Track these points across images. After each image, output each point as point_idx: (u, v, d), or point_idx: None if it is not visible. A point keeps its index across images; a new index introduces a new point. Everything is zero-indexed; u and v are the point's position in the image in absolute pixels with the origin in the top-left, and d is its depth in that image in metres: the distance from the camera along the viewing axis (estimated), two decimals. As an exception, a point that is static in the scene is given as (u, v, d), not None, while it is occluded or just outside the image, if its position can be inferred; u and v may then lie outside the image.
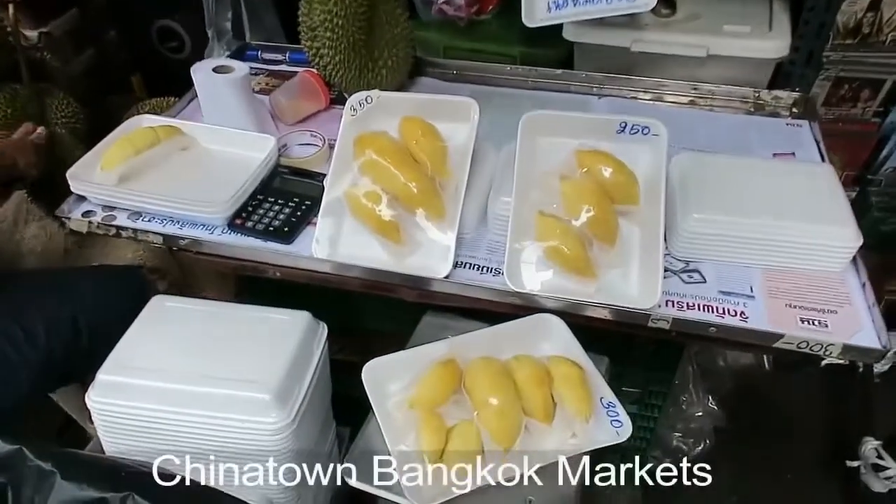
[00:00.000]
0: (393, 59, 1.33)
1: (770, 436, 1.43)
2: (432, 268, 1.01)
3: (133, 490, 0.70)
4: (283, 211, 1.12)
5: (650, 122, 1.02)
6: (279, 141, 1.28)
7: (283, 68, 1.58)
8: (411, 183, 1.01)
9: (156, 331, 0.99)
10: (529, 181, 1.03)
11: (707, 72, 1.40)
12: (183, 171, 1.19)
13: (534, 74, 1.48)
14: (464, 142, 1.06)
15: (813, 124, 1.31)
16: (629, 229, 1.01)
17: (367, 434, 0.91)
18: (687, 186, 1.05)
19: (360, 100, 1.10)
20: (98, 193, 1.13)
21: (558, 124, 1.05)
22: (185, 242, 1.09)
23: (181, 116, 1.41)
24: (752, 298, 0.98)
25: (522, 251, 0.98)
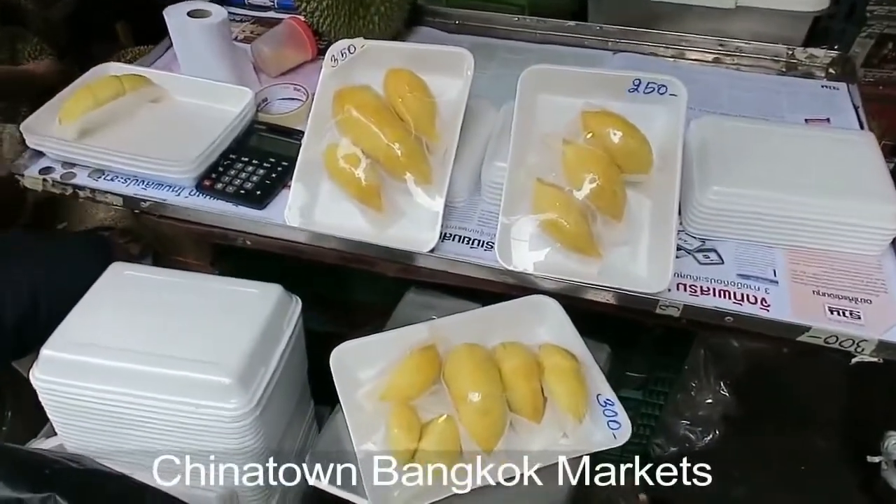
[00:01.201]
0: (386, 5, 1.21)
1: (785, 425, 1.33)
2: (416, 240, 0.90)
3: (57, 490, 0.61)
4: (256, 172, 1.01)
5: (667, 79, 0.90)
6: (259, 94, 1.17)
7: (270, 15, 1.46)
8: (395, 144, 0.90)
9: (110, 302, 0.90)
10: (528, 145, 0.91)
11: (735, 26, 1.26)
12: (150, 125, 1.09)
13: (543, 26, 1.35)
14: (456, 99, 0.94)
15: (851, 87, 1.18)
16: (639, 202, 0.90)
17: (334, 425, 0.81)
18: (707, 155, 0.93)
19: (342, 49, 0.98)
20: (56, 149, 1.03)
21: (563, 81, 0.93)
22: (146, 205, 0.99)
23: (158, 64, 1.30)
24: (774, 283, 0.87)
25: (517, 224, 0.88)
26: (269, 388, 0.86)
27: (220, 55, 1.17)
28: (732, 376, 1.32)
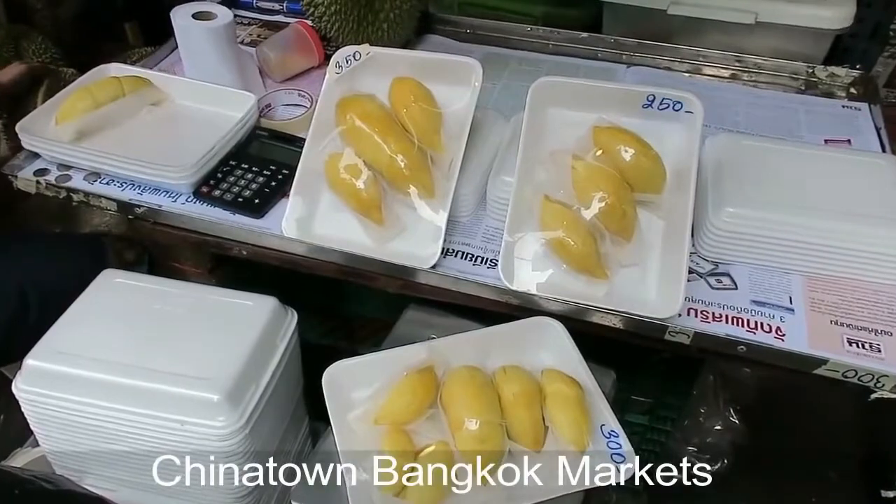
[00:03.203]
0: (396, 12, 1.18)
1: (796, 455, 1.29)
2: (417, 255, 0.87)
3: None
4: (256, 180, 0.99)
5: (683, 96, 0.86)
6: (263, 100, 1.14)
7: (278, 19, 1.43)
8: (398, 155, 0.87)
9: (99, 311, 0.87)
10: (536, 160, 0.88)
11: (754, 42, 1.23)
12: (150, 128, 1.06)
13: (556, 37, 1.32)
14: (463, 110, 0.91)
15: (873, 108, 1.14)
16: (650, 222, 0.86)
17: (329, 444, 0.78)
18: (722, 174, 0.90)
19: (347, 56, 0.95)
20: (51, 150, 1.00)
21: (574, 94, 0.90)
22: (141, 211, 0.96)
23: (162, 65, 1.28)
24: (790, 312, 0.83)
25: (522, 242, 0.84)
26: (259, 405, 0.83)
27: (225, 58, 1.15)
28: (743, 403, 1.28)
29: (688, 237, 0.81)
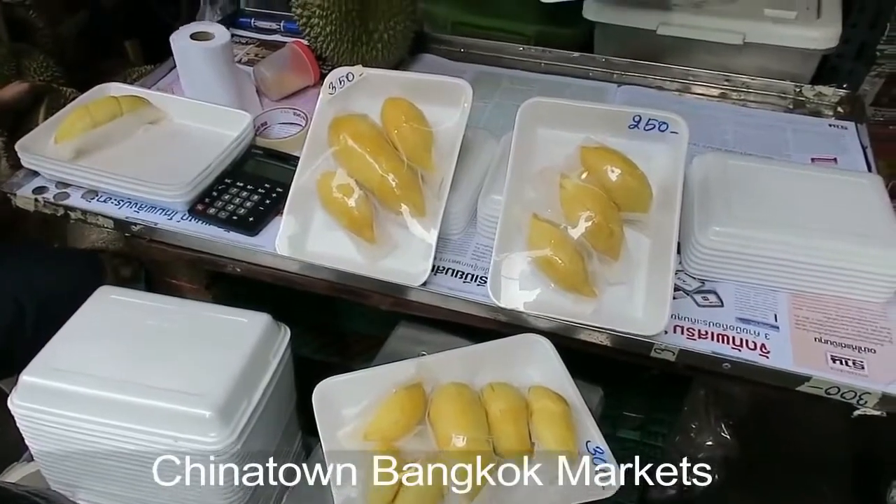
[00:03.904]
0: (390, 32, 1.20)
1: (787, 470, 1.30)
2: (408, 273, 0.88)
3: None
4: (251, 198, 1.00)
5: (669, 116, 0.88)
6: (259, 118, 1.16)
7: (276, 38, 1.45)
8: (389, 175, 0.88)
9: (95, 328, 0.89)
10: (525, 179, 0.89)
11: (742, 61, 1.25)
12: (147, 147, 1.08)
13: (548, 56, 1.34)
14: (453, 131, 0.92)
15: (860, 127, 1.16)
16: (637, 240, 0.88)
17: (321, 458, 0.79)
18: (708, 193, 0.91)
19: (341, 76, 0.97)
20: (50, 168, 1.02)
21: (562, 114, 0.91)
22: (137, 229, 0.97)
23: (161, 84, 1.30)
24: (775, 329, 0.84)
25: (511, 260, 0.85)
26: (252, 421, 0.84)
27: (222, 78, 1.16)
28: (734, 418, 1.28)
29: (673, 256, 0.83)
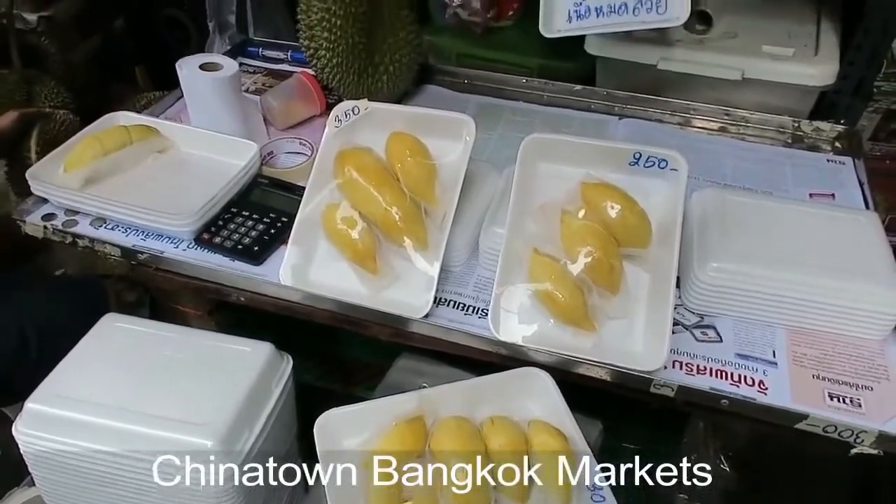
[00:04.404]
0: (395, 65, 1.22)
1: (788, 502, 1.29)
2: (410, 305, 0.89)
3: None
4: (256, 227, 1.02)
5: (669, 154, 0.89)
6: (265, 148, 1.19)
7: (283, 68, 1.48)
8: (392, 208, 0.90)
9: (99, 356, 0.90)
10: (526, 213, 0.91)
11: (742, 96, 1.27)
12: (155, 175, 1.10)
13: (550, 89, 1.36)
14: (456, 165, 0.94)
15: (857, 162, 1.17)
16: (637, 275, 0.89)
17: (316, 493, 0.79)
18: (707, 228, 0.93)
19: (346, 110, 0.99)
20: (59, 196, 1.04)
21: (564, 150, 0.93)
22: (143, 257, 0.99)
23: (169, 112, 1.33)
24: (773, 365, 0.85)
25: (512, 294, 0.86)
26: (253, 450, 0.85)
27: (229, 108, 1.18)
28: (734, 450, 1.28)
29: (672, 291, 0.84)
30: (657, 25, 1.15)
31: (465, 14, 1.43)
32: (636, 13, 1.16)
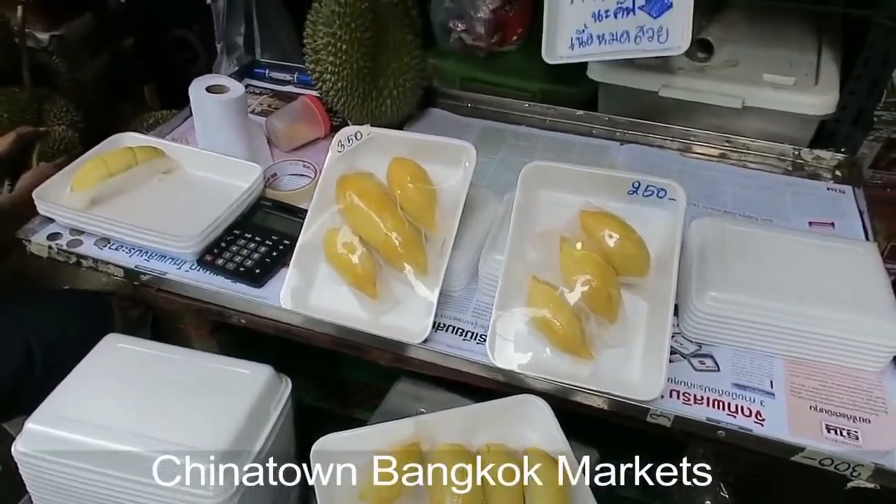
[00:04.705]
0: (399, 89, 1.24)
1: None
2: (409, 330, 0.90)
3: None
4: (258, 250, 1.03)
5: (667, 184, 0.90)
6: (269, 169, 1.20)
7: (289, 89, 1.50)
8: (392, 233, 0.91)
9: (100, 377, 0.91)
10: (526, 240, 0.92)
11: (742, 124, 1.28)
12: (160, 196, 1.11)
13: (552, 113, 1.37)
14: (457, 191, 0.95)
15: (857, 191, 1.18)
16: (635, 303, 0.89)
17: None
18: (706, 257, 0.93)
19: (349, 135, 1.00)
20: (64, 216, 1.05)
21: (563, 178, 0.94)
22: (146, 279, 1.00)
23: (175, 133, 1.34)
24: (771, 396, 0.85)
25: (510, 321, 0.87)
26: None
27: (235, 129, 1.20)
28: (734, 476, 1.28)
29: (670, 320, 0.84)
30: (658, 54, 1.16)
31: (469, 39, 1.45)
32: (638, 41, 1.18)
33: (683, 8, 1.12)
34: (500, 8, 1.43)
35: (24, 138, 1.29)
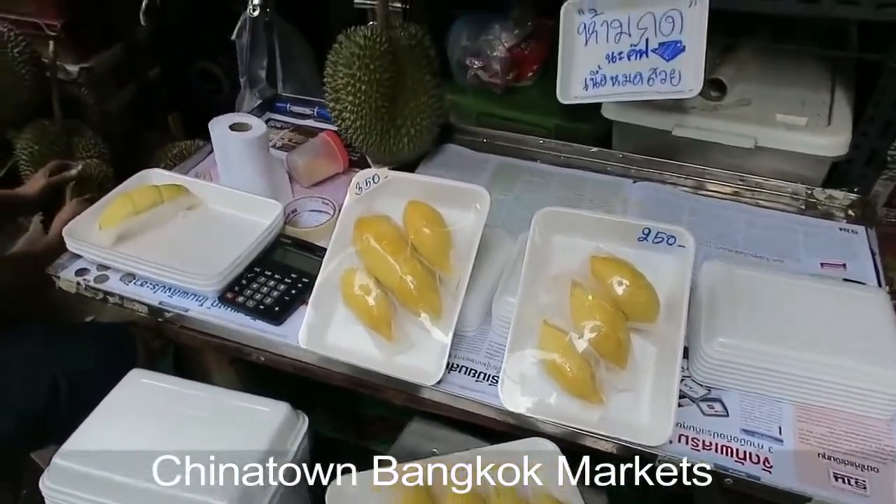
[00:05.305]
0: (416, 128, 1.27)
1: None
2: (423, 372, 0.92)
3: None
4: (277, 287, 1.05)
5: (677, 231, 0.92)
6: (290, 205, 1.23)
7: (309, 123, 1.54)
8: (408, 276, 0.93)
9: (125, 413, 0.94)
10: (538, 283, 0.94)
11: (755, 163, 1.29)
12: (184, 233, 1.15)
13: (567, 150, 1.39)
14: (471, 234, 0.97)
15: (870, 231, 1.19)
16: (644, 348, 0.91)
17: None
18: (716, 302, 0.94)
19: (367, 178, 1.03)
20: (92, 253, 1.09)
21: (576, 223, 0.96)
22: (169, 315, 1.03)
23: (199, 168, 1.38)
24: (779, 442, 0.86)
25: (522, 365, 0.89)
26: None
27: (257, 167, 1.23)
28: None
29: (678, 368, 0.86)
30: (671, 96, 1.18)
31: (485, 76, 1.49)
32: (651, 83, 1.20)
33: (696, 52, 1.14)
34: (517, 46, 1.46)
35: (53, 186, 1.35)
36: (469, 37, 1.51)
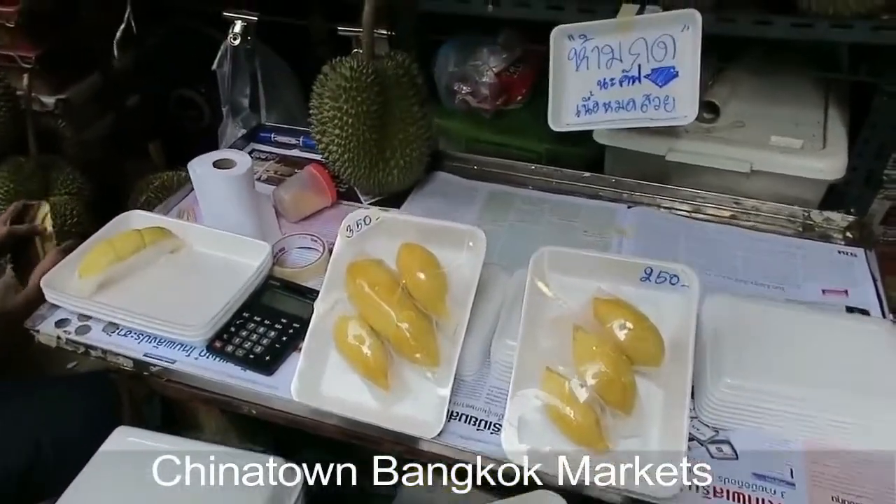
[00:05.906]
0: (406, 159, 1.23)
1: None
2: (422, 423, 0.89)
3: None
4: (267, 334, 1.02)
5: (680, 270, 0.89)
6: (277, 244, 1.19)
7: (295, 153, 1.50)
8: (403, 324, 0.90)
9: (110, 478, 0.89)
10: (538, 327, 0.91)
11: (751, 186, 1.27)
12: (168, 278, 1.10)
13: (559, 175, 1.37)
14: (468, 276, 0.94)
15: (869, 254, 1.17)
16: (650, 392, 0.88)
17: None
18: (720, 339, 0.92)
19: (358, 220, 1.00)
20: (73, 304, 1.04)
21: (575, 263, 0.93)
22: (155, 369, 0.99)
23: (183, 204, 1.34)
24: (791, 486, 0.84)
25: (525, 414, 0.86)
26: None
27: (243, 205, 1.18)
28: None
29: (686, 411, 0.83)
30: (666, 123, 1.16)
31: (474, 101, 1.46)
32: (644, 109, 1.18)
33: (690, 77, 1.12)
34: (505, 70, 1.44)
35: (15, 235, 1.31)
36: (457, 62, 1.48)
